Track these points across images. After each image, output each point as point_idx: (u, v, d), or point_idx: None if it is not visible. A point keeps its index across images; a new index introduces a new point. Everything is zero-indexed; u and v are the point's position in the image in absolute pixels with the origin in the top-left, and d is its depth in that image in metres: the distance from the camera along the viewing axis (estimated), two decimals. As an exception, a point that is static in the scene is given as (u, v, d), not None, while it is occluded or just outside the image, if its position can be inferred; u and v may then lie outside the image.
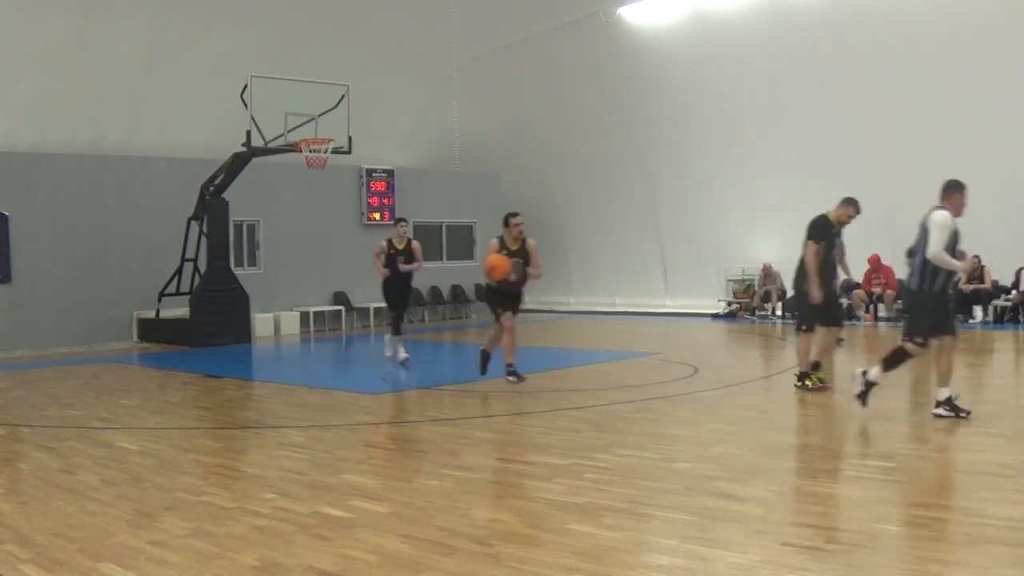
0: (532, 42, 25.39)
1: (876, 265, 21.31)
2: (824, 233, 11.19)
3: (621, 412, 10.23)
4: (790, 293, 16.22)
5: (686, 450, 8.29)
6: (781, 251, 23.47)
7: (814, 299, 11.06)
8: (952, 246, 9.08)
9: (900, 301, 18.19)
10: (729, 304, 24.46)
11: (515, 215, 12.14)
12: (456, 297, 26.42)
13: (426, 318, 25.38)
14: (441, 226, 26.41)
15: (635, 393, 11.30)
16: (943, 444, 8.37)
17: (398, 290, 15.44)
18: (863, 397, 9.54)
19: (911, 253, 9.60)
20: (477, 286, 25.69)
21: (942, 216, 9.01)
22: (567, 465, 7.71)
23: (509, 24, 25.00)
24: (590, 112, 26.05)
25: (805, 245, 11.22)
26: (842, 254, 11.54)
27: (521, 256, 11.99)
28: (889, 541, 5.60)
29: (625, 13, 24.40)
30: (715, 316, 24.22)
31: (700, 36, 23.48)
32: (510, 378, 12.18)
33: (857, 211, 11.27)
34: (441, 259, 26.04)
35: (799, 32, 22.07)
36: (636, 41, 24.63)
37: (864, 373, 9.56)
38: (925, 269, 9.12)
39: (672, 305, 26.01)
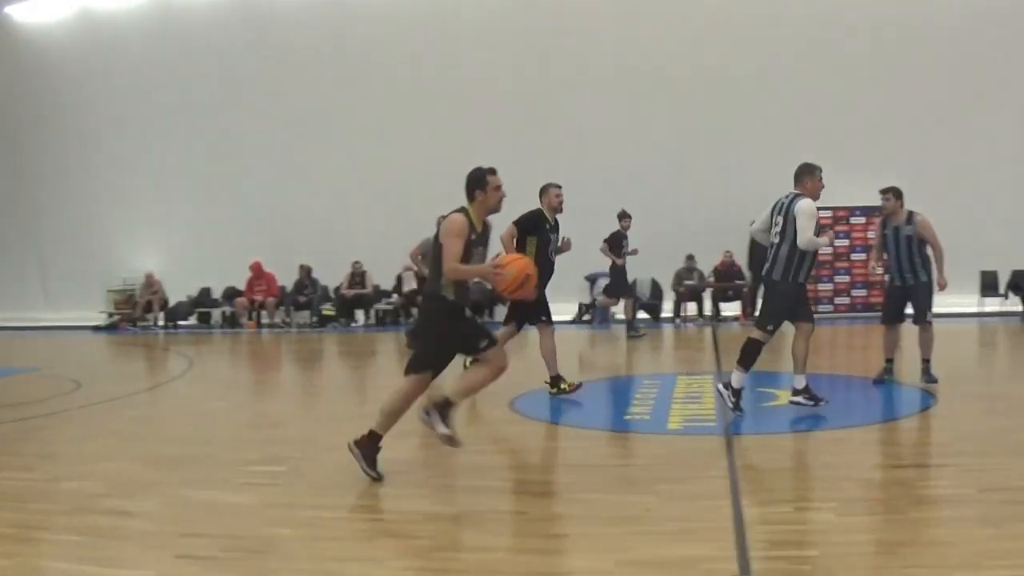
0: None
1: (258, 272, 21.99)
2: (536, 227, 10.36)
3: (2, 432, 9.66)
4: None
5: (73, 468, 8.08)
6: (163, 261, 23.41)
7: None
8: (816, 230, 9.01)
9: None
10: (111, 315, 23.77)
11: (494, 172, 7.19)
12: None
13: None
14: None
15: (16, 411, 10.71)
16: (331, 445, 8.83)
17: None
18: (737, 405, 9.11)
19: (754, 245, 8.97)
20: None
21: (809, 205, 8.92)
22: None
23: None
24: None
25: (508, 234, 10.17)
26: (559, 247, 10.74)
27: (484, 243, 7.44)
28: (284, 544, 5.82)
29: (13, 12, 23.04)
30: (97, 328, 23.39)
31: (87, 36, 22.71)
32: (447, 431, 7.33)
33: (560, 189, 10.57)
34: None
35: (185, 37, 22.20)
36: (21, 40, 23.22)
37: (727, 386, 9.16)
38: (792, 259, 9.00)
39: (53, 318, 24.69)
